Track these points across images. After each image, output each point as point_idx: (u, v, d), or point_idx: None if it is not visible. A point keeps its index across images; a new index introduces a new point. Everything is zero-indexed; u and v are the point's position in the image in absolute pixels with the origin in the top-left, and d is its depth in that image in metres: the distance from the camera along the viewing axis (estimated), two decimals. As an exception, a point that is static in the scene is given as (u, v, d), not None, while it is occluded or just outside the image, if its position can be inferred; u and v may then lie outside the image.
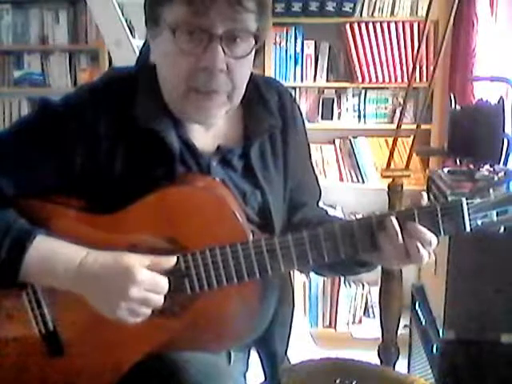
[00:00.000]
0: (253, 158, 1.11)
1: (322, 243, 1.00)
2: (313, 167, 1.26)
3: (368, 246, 1.00)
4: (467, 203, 0.98)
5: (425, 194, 1.01)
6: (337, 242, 1.00)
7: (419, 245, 0.98)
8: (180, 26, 0.99)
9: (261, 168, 1.12)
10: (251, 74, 1.11)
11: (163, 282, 0.96)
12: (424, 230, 0.98)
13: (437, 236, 0.99)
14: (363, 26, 2.90)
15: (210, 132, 1.11)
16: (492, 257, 1.77)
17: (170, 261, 0.98)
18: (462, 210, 0.98)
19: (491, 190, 0.98)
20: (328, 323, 3.12)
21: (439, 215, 0.98)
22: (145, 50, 1.09)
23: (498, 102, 1.84)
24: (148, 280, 0.95)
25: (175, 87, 1.03)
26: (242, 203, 1.09)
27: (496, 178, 1.72)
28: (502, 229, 1.00)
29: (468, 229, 0.99)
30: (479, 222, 0.99)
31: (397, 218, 0.98)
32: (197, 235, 1.00)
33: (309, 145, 1.25)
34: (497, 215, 0.99)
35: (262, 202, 1.12)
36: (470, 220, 0.98)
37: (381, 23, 2.90)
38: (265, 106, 1.13)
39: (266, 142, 1.13)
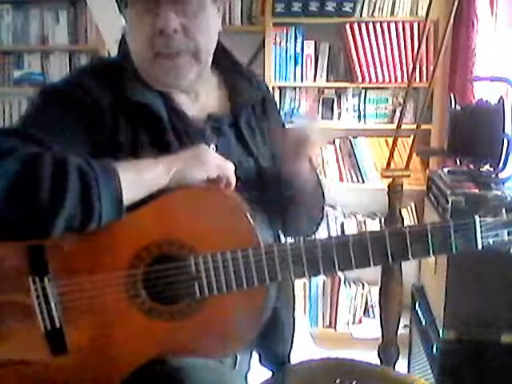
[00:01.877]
0: (242, 127, 1.17)
1: (333, 252, 0.99)
2: None
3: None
4: (480, 221, 0.99)
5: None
6: (349, 252, 0.99)
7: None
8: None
9: (250, 136, 1.18)
10: (239, 63, 1.21)
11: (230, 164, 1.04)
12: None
13: (449, 252, 1.00)
14: (363, 25, 2.91)
15: (198, 103, 1.16)
16: (492, 257, 1.76)
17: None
18: (475, 228, 0.99)
19: (504, 210, 0.99)
20: (328, 323, 3.13)
21: (452, 231, 0.99)
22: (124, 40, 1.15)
23: (498, 101, 1.83)
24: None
25: (143, 57, 1.09)
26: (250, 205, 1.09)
27: (508, 198, 1.72)
28: None
29: (480, 247, 0.99)
30: (490, 241, 1.00)
31: (410, 234, 0.99)
32: (206, 238, 0.99)
33: (284, 125, 1.34)
34: (508, 235, 0.99)
35: (256, 170, 1.16)
36: (482, 238, 0.99)
37: (381, 23, 2.90)
38: (247, 81, 1.21)
39: (250, 115, 1.20)
